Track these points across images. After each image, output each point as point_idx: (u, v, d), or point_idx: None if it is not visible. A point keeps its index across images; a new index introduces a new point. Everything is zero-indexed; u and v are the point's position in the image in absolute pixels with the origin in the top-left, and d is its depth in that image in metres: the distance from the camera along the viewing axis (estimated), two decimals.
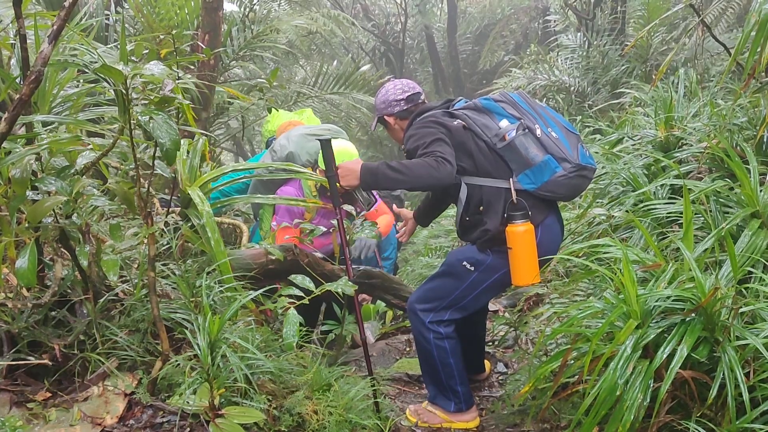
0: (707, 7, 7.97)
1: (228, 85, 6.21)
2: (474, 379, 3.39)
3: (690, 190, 2.73)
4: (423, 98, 2.99)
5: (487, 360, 3.53)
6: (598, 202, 3.96)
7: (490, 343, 3.99)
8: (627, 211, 3.42)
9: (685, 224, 2.43)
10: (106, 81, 2.13)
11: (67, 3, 1.91)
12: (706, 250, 2.50)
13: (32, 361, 2.25)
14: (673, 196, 3.37)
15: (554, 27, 12.11)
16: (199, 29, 5.09)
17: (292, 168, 3.18)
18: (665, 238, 2.97)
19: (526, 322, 3.48)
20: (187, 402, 2.15)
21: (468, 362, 3.11)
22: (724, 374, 1.94)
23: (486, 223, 2.68)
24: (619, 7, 8.75)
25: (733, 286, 2.13)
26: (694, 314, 2.07)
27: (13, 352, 2.27)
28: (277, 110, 4.80)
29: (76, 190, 2.17)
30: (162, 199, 3.40)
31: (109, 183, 2.38)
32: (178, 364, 2.29)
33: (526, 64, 10.27)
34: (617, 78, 8.09)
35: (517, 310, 3.87)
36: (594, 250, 2.58)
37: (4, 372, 2.26)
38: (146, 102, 2.09)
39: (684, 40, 7.43)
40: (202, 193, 2.75)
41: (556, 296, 3.42)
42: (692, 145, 3.83)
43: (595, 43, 8.69)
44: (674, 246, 2.75)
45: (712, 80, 6.06)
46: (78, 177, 2.25)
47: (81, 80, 2.95)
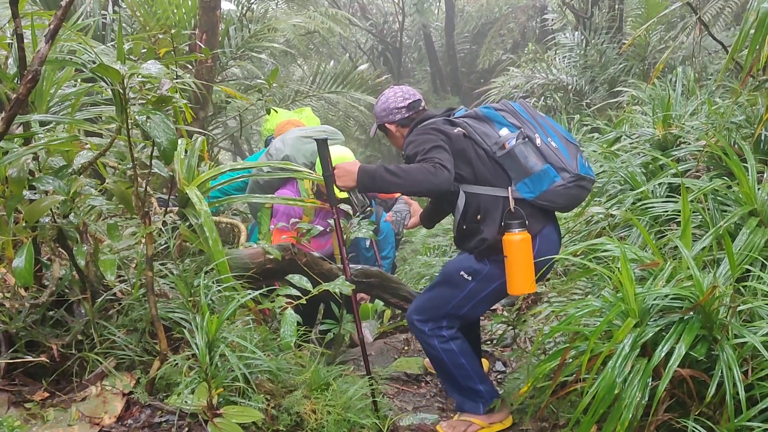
0: (705, 5, 7.97)
1: (226, 85, 6.21)
2: None
3: (688, 188, 2.74)
4: (423, 105, 2.98)
5: (485, 359, 3.53)
6: (596, 201, 3.96)
7: (489, 341, 4.00)
8: (625, 209, 3.42)
9: (683, 223, 2.43)
10: (103, 80, 2.13)
11: (63, 2, 1.90)
12: (704, 248, 2.50)
13: (30, 358, 2.25)
14: (671, 195, 3.38)
15: (552, 25, 12.13)
16: (197, 28, 5.09)
17: (289, 167, 3.18)
18: (663, 236, 2.97)
19: (524, 321, 3.48)
20: (186, 401, 2.15)
21: None
22: (722, 372, 1.94)
23: (483, 231, 2.67)
24: (617, 6, 8.75)
25: (731, 285, 2.13)
26: (692, 312, 2.07)
27: (10, 351, 2.26)
28: (276, 110, 4.80)
29: (74, 189, 2.16)
30: (160, 199, 3.39)
31: (106, 182, 2.37)
32: (177, 364, 2.29)
33: (524, 62, 10.28)
34: (615, 76, 8.10)
35: (515, 308, 3.87)
36: (592, 248, 2.59)
37: (1, 372, 2.25)
38: (144, 101, 2.09)
39: (682, 39, 7.44)
40: (200, 193, 2.75)
41: (555, 295, 3.42)
42: (690, 144, 3.84)
43: (592, 41, 8.69)
44: (672, 244, 2.76)
45: (710, 78, 6.08)
46: (75, 176, 2.25)
47: (78, 80, 2.94)
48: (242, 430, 2.06)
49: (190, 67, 4.97)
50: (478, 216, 2.69)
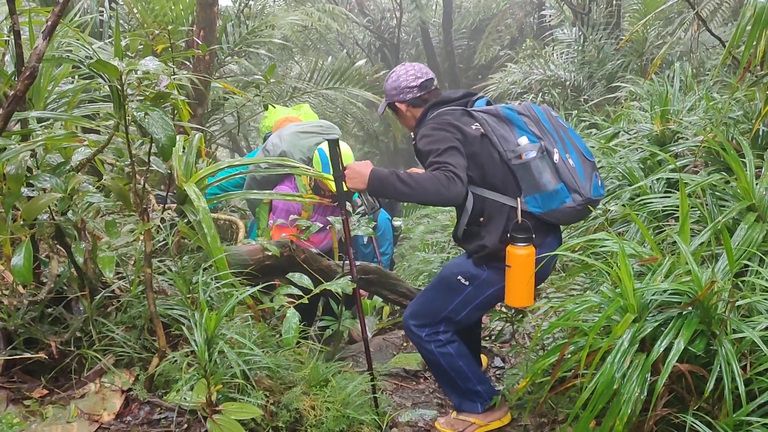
0: (702, 0, 7.97)
1: (223, 81, 6.19)
2: None
3: (686, 183, 2.74)
4: (436, 84, 2.86)
5: (484, 355, 3.54)
6: None
7: (487, 338, 4.00)
8: (623, 205, 3.42)
9: (682, 218, 2.43)
10: (101, 77, 2.12)
11: None
12: (702, 243, 2.50)
13: (29, 356, 2.25)
14: (669, 190, 3.38)
15: (550, 21, 12.13)
16: (194, 25, 5.08)
17: (288, 163, 3.18)
18: (662, 231, 2.98)
19: (522, 317, 3.48)
20: (185, 398, 2.15)
21: None
22: (720, 367, 1.94)
23: (484, 237, 2.63)
24: (615, 1, 8.76)
25: (729, 280, 2.13)
26: (690, 308, 2.07)
27: (9, 349, 2.26)
28: (274, 106, 4.79)
29: (72, 186, 2.16)
30: (158, 196, 3.39)
31: (104, 179, 2.37)
32: (175, 361, 2.29)
33: (521, 58, 10.28)
34: (613, 72, 8.10)
35: None
36: (590, 244, 2.58)
37: (0, 369, 2.25)
38: (141, 98, 2.08)
39: (679, 34, 7.43)
40: (198, 189, 2.75)
41: (553, 290, 3.42)
42: (688, 139, 3.84)
43: (590, 37, 8.69)
44: (671, 240, 2.76)
45: (708, 74, 6.08)
46: (73, 174, 2.24)
47: (76, 76, 2.94)
48: (241, 426, 2.06)
49: (187, 63, 4.95)
50: (481, 219, 2.65)
